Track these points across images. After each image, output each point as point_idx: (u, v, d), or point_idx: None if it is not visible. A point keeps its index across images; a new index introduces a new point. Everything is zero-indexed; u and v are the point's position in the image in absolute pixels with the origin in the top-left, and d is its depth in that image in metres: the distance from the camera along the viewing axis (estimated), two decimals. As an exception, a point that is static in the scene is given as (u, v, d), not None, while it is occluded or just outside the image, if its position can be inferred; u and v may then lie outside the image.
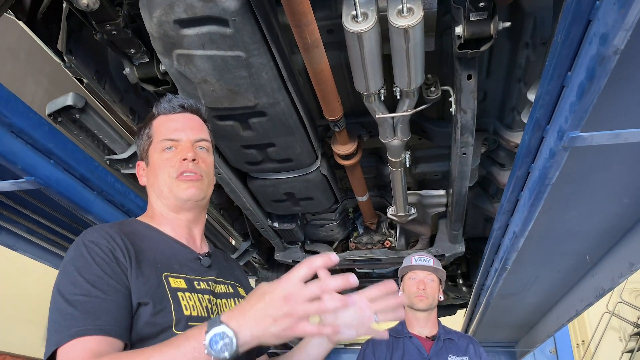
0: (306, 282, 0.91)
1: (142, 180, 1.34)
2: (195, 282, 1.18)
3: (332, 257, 0.94)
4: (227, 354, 0.87)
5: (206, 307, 1.15)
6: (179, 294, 1.12)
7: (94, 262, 1.07)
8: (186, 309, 1.10)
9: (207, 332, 0.88)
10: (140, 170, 1.35)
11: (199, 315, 1.12)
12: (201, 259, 1.26)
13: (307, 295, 0.89)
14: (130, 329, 1.05)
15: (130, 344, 1.04)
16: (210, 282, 1.22)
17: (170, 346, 0.91)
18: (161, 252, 1.18)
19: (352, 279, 0.93)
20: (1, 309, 7.22)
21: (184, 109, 1.34)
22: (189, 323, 1.08)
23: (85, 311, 1.00)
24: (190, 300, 1.13)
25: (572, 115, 1.20)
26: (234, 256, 3.50)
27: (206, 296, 1.18)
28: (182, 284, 1.15)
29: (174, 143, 1.28)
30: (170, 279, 1.13)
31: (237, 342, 0.88)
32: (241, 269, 1.55)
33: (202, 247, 1.32)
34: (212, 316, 1.15)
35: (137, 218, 1.31)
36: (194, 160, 1.26)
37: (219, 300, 1.22)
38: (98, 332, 0.98)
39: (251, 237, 3.73)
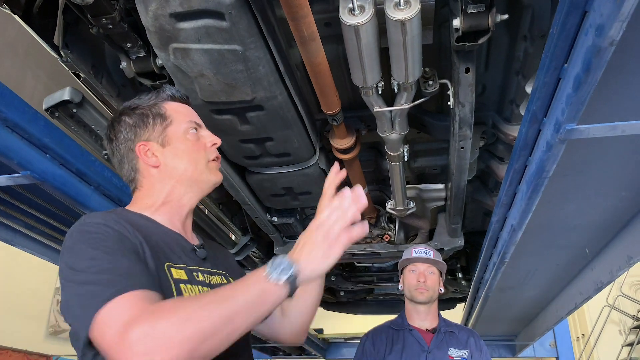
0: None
1: (152, 161, 1.26)
2: (194, 273, 1.18)
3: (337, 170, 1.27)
4: (285, 279, 0.99)
5: None
6: (182, 285, 1.11)
7: (106, 237, 1.04)
8: None
9: (273, 260, 1.02)
10: (146, 151, 1.27)
11: None
12: (197, 250, 1.26)
13: (338, 227, 1.09)
14: None
15: None
16: (206, 274, 1.21)
17: (235, 283, 1.01)
18: (161, 241, 1.17)
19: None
20: (2, 304, 7.24)
21: (187, 100, 1.41)
22: None
23: (117, 275, 0.96)
24: (192, 292, 1.12)
25: (568, 107, 1.20)
26: (233, 251, 3.50)
27: (204, 288, 1.17)
28: (183, 275, 1.14)
29: (198, 128, 1.33)
30: (172, 269, 1.12)
31: (296, 269, 1.02)
32: (233, 258, 1.55)
33: (193, 238, 1.32)
34: None
35: (126, 208, 1.27)
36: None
37: None
38: (139, 287, 0.95)
39: (250, 232, 3.73)
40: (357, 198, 1.16)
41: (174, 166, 1.26)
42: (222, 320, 0.91)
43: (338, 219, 1.10)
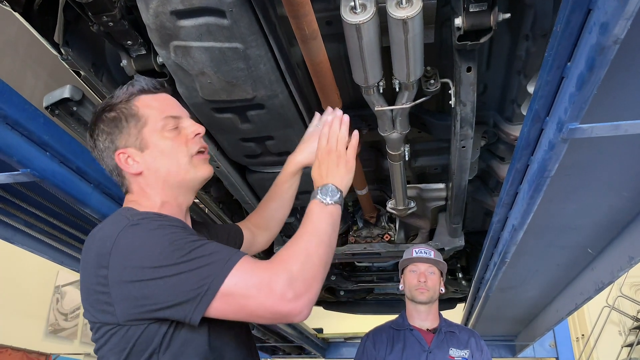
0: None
1: (135, 168, 1.23)
2: None
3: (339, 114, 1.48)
4: (338, 199, 1.27)
5: None
6: None
7: (170, 227, 1.09)
8: None
9: (318, 191, 1.28)
10: (127, 159, 1.23)
11: None
12: None
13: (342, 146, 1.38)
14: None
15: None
16: None
17: (306, 222, 1.19)
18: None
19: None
20: (1, 303, 7.24)
21: (163, 87, 1.32)
22: None
23: (216, 250, 1.04)
24: None
25: (571, 106, 1.19)
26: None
27: None
28: None
29: (176, 121, 1.25)
30: None
31: (341, 190, 1.29)
32: (217, 230, 1.57)
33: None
34: None
35: (132, 208, 1.23)
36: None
37: None
38: (240, 255, 1.05)
39: (250, 231, 3.72)
40: (338, 117, 1.42)
41: (157, 169, 1.22)
42: (327, 246, 1.13)
43: (338, 140, 1.35)
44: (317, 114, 1.68)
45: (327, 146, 1.37)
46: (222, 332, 1.16)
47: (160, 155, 1.21)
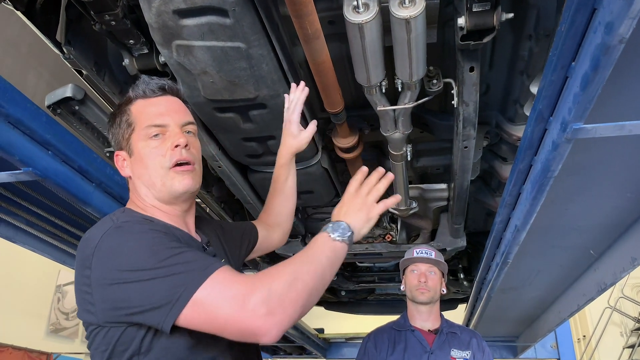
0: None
1: (125, 172, 1.26)
2: None
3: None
4: (347, 239, 1.19)
5: None
6: None
7: (152, 232, 1.08)
8: None
9: (330, 225, 1.21)
10: (121, 161, 1.27)
11: None
12: (206, 249, 1.26)
13: (372, 197, 1.35)
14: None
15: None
16: None
17: (306, 249, 1.13)
18: (176, 237, 1.17)
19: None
20: (3, 302, 7.24)
21: (164, 91, 1.28)
22: None
23: (196, 259, 1.02)
24: None
25: (575, 106, 1.19)
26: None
27: None
28: None
29: (160, 129, 1.22)
30: None
31: (352, 231, 1.21)
32: (218, 227, 1.53)
33: (197, 235, 1.31)
34: None
35: (128, 208, 1.26)
36: (186, 146, 1.21)
37: None
38: (219, 266, 1.01)
39: (252, 231, 3.72)
40: (381, 175, 1.43)
41: (140, 175, 1.23)
42: (318, 277, 1.06)
43: (370, 190, 1.35)
44: (285, 96, 1.71)
45: (357, 192, 1.35)
46: (208, 344, 1.11)
47: (141, 163, 1.22)
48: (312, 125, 1.74)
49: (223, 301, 0.96)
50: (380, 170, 1.43)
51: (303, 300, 1.00)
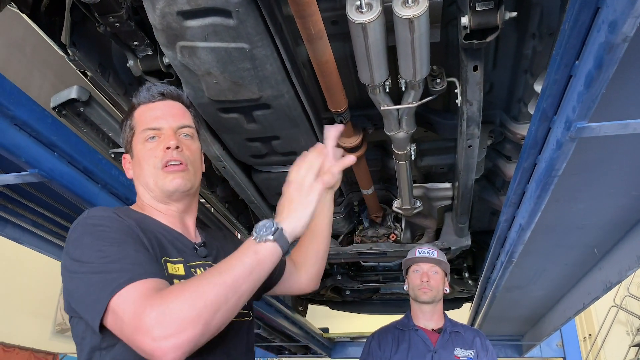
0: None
1: (129, 174, 1.32)
2: (192, 270, 1.18)
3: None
4: (271, 237, 1.05)
5: None
6: (175, 281, 1.10)
7: (112, 228, 1.06)
8: None
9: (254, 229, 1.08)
10: (127, 164, 1.33)
11: None
12: (197, 249, 1.26)
13: (308, 179, 1.19)
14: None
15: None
16: (207, 268, 1.21)
17: (232, 255, 1.04)
18: (159, 236, 1.17)
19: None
20: (9, 302, 7.28)
21: (163, 96, 1.32)
22: None
23: (127, 264, 0.99)
24: None
25: (579, 105, 1.19)
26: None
27: None
28: (180, 270, 1.14)
29: (156, 132, 1.26)
30: (168, 264, 1.13)
31: (279, 226, 1.08)
32: (238, 241, 1.52)
33: (196, 236, 1.31)
34: None
35: (129, 207, 1.30)
36: (177, 148, 1.24)
37: None
38: (148, 276, 0.97)
39: (256, 231, 3.72)
40: (319, 150, 1.28)
41: (138, 176, 1.28)
42: (227, 289, 0.96)
43: (306, 171, 1.20)
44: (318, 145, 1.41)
45: (293, 177, 1.22)
46: None
47: (138, 164, 1.27)
48: (350, 158, 1.49)
49: (127, 315, 0.92)
50: (319, 146, 1.31)
51: (207, 318, 0.91)
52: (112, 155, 2.28)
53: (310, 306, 5.40)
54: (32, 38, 2.84)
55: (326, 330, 6.37)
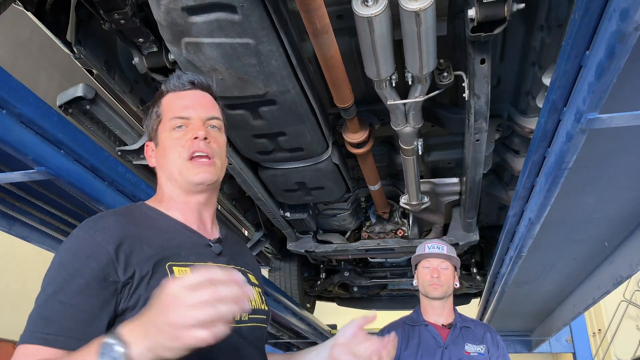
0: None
1: (152, 162, 1.28)
2: None
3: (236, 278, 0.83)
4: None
5: None
6: None
7: (77, 258, 1.03)
8: None
9: (100, 344, 0.81)
10: (149, 151, 1.29)
11: None
12: (211, 245, 1.23)
13: (191, 301, 0.77)
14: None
15: None
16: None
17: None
18: (169, 239, 1.14)
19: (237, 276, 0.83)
20: (16, 300, 7.34)
21: (194, 85, 1.28)
22: None
23: (40, 317, 0.99)
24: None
25: (590, 96, 1.17)
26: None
27: None
28: (187, 273, 1.06)
29: (184, 121, 1.22)
30: (174, 268, 1.09)
31: (128, 355, 0.78)
32: (250, 253, 1.51)
33: (213, 231, 1.29)
34: None
35: (145, 202, 1.26)
36: (205, 139, 1.20)
37: None
38: (41, 342, 0.95)
39: (263, 228, 3.73)
40: (235, 283, 0.82)
41: (162, 166, 1.24)
42: None
43: (199, 303, 0.78)
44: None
45: (179, 291, 0.79)
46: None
47: (163, 153, 1.23)
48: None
49: None
50: (236, 276, 0.82)
51: None
52: (119, 153, 2.28)
53: (318, 303, 5.40)
54: (39, 38, 2.84)
55: (334, 326, 6.37)
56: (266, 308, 1.30)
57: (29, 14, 1.80)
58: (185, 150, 1.19)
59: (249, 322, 1.18)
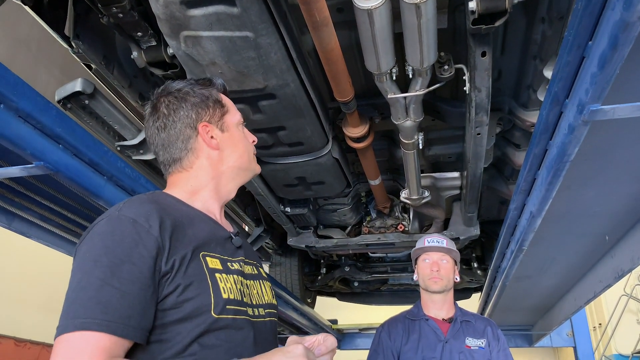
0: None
1: (214, 143, 1.27)
2: (228, 263, 1.14)
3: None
4: None
5: (239, 289, 1.12)
6: (217, 275, 1.07)
7: (120, 243, 1.00)
8: (224, 292, 1.06)
9: None
10: (210, 134, 1.27)
11: (235, 298, 1.09)
12: (233, 237, 1.23)
13: None
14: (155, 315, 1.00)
15: (155, 327, 0.99)
16: (240, 263, 1.18)
17: None
18: (199, 229, 1.14)
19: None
20: (20, 297, 7.35)
21: (225, 91, 1.41)
22: (227, 306, 1.05)
23: (96, 303, 0.94)
24: (227, 282, 1.09)
25: (593, 87, 1.16)
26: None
27: (238, 277, 1.14)
28: (218, 264, 1.11)
29: (243, 123, 1.39)
30: (207, 258, 1.09)
31: None
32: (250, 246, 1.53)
33: (227, 226, 1.29)
34: (244, 299, 1.12)
35: (165, 192, 1.24)
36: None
37: (248, 282, 1.18)
38: (103, 329, 0.92)
39: (264, 223, 3.73)
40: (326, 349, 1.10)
41: (229, 153, 1.29)
42: None
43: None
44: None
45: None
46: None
47: (237, 142, 1.31)
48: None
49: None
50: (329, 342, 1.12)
51: None
52: (118, 148, 2.27)
53: (318, 298, 5.40)
54: (37, 34, 2.83)
55: (335, 321, 6.38)
56: (275, 302, 1.34)
57: (27, 8, 1.79)
58: (252, 147, 1.37)
59: (266, 316, 1.21)
